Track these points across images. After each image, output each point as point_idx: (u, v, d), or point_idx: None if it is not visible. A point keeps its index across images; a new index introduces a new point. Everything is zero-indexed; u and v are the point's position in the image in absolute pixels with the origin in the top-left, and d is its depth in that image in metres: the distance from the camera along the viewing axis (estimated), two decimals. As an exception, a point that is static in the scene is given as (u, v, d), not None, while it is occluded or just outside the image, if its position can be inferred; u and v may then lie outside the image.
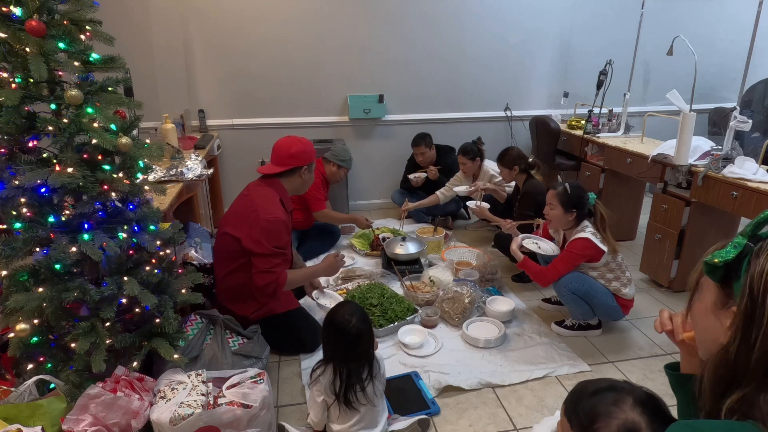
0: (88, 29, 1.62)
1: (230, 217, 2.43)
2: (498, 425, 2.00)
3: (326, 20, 4.11)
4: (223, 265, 2.40)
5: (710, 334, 0.78)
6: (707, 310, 0.78)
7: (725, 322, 0.73)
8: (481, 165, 3.84)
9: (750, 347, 0.67)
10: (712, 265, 0.74)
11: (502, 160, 3.40)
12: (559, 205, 2.47)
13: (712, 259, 0.74)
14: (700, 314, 0.81)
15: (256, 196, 2.36)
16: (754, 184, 2.50)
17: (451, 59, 4.41)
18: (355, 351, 1.75)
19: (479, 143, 3.86)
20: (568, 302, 2.53)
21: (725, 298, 0.75)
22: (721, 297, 0.75)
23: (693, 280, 0.83)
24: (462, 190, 3.76)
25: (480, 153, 3.81)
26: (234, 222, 2.36)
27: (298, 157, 2.39)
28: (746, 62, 2.83)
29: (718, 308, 0.76)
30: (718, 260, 0.73)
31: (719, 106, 4.83)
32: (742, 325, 0.69)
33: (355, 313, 1.77)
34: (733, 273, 0.73)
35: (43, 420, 1.56)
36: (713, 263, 0.74)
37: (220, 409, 1.68)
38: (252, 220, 2.27)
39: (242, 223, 2.31)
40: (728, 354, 0.70)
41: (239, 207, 2.42)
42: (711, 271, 0.75)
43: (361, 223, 3.74)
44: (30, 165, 1.58)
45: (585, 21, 4.46)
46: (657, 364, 2.38)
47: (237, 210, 2.42)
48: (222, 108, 4.20)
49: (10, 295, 1.61)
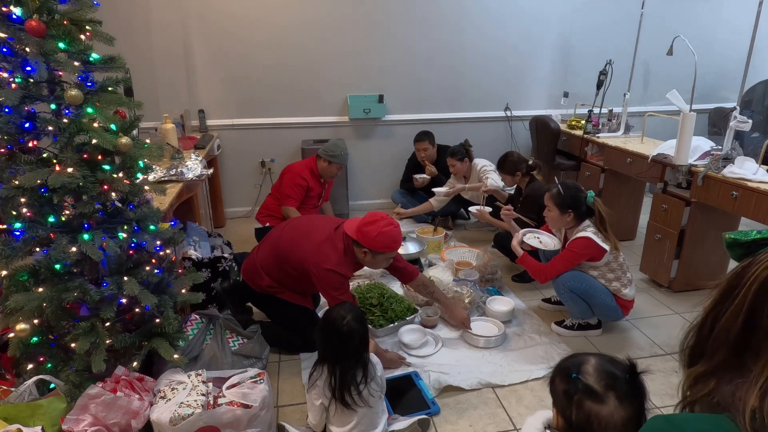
0: (88, 29, 1.62)
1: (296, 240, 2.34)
2: (498, 425, 2.00)
3: (326, 20, 4.11)
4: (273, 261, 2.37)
5: None
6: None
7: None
8: (470, 165, 3.88)
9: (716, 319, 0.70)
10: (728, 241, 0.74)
11: (502, 167, 3.37)
12: (554, 206, 2.46)
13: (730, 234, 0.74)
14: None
15: (331, 244, 2.25)
16: (754, 184, 2.50)
17: (451, 59, 4.41)
18: (346, 350, 1.73)
19: (467, 145, 3.90)
20: (566, 300, 2.53)
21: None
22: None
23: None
24: (441, 191, 3.84)
25: (468, 154, 3.86)
26: (297, 249, 2.29)
27: (375, 241, 2.22)
28: (746, 62, 2.83)
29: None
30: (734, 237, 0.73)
31: (719, 106, 4.83)
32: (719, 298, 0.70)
33: (351, 312, 1.78)
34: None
35: (43, 420, 1.56)
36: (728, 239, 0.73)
37: (220, 409, 1.68)
38: (321, 270, 2.19)
39: (307, 262, 2.23)
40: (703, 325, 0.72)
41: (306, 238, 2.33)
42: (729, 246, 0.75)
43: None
44: (30, 165, 1.58)
45: (585, 21, 4.47)
46: (657, 364, 2.38)
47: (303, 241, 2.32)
48: (222, 108, 4.20)
49: (10, 295, 1.61)
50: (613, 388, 1.11)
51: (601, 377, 1.13)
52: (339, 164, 3.62)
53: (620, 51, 3.96)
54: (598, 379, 1.13)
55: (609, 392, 1.11)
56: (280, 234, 2.43)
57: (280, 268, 2.36)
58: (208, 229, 3.44)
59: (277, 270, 2.37)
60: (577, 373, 1.15)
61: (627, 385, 1.11)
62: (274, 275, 2.39)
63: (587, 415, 1.11)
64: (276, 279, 2.40)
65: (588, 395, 1.12)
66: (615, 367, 1.15)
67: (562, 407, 1.17)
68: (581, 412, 1.12)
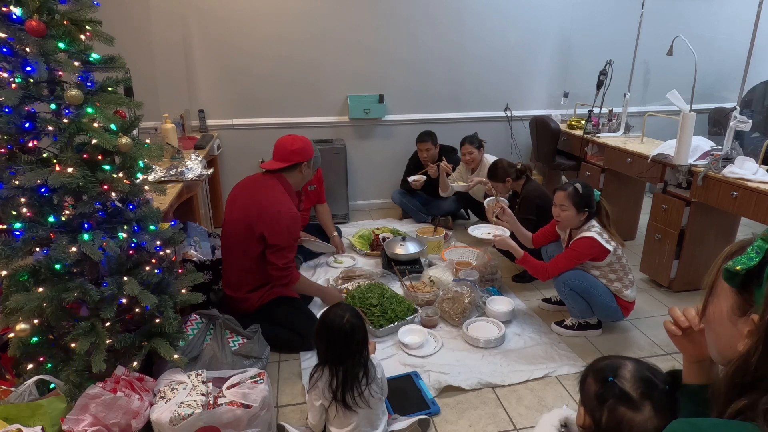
0: (88, 29, 1.62)
1: (238, 208, 2.49)
2: (498, 425, 2.00)
3: (326, 20, 4.11)
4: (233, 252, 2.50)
5: (725, 340, 0.75)
6: (723, 317, 0.75)
7: (743, 329, 0.69)
8: (481, 159, 3.87)
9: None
10: (732, 272, 0.70)
11: (494, 176, 3.33)
12: (572, 205, 2.43)
13: (733, 266, 0.69)
14: (716, 320, 0.78)
15: (268, 190, 2.47)
16: (754, 184, 2.50)
17: (451, 59, 4.41)
18: (349, 348, 1.72)
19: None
20: (566, 298, 2.53)
21: (744, 305, 0.71)
22: (740, 303, 0.71)
23: (707, 283, 0.80)
24: (460, 188, 3.80)
25: (482, 144, 3.87)
26: (246, 212, 2.43)
27: (299, 153, 2.54)
28: (746, 62, 2.83)
29: (736, 315, 0.72)
30: (740, 267, 0.68)
31: (719, 106, 4.83)
32: (765, 335, 0.65)
33: (348, 310, 1.78)
34: (754, 279, 0.68)
35: (43, 420, 1.56)
36: (735, 270, 0.69)
37: (220, 409, 1.68)
38: (272, 214, 2.37)
39: (259, 214, 2.38)
40: (748, 364, 0.67)
41: (248, 198, 2.49)
42: (731, 278, 0.71)
43: None
44: (30, 165, 1.58)
45: (585, 21, 4.47)
46: (657, 364, 2.36)
47: (246, 202, 2.48)
48: (222, 108, 4.20)
49: (10, 295, 1.61)
50: (650, 397, 1.07)
51: (639, 384, 1.09)
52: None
53: (620, 51, 3.95)
54: (636, 386, 1.09)
55: (645, 401, 1.07)
56: (228, 231, 2.52)
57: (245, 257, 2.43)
58: (209, 229, 3.44)
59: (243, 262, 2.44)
60: (613, 376, 1.11)
61: (665, 396, 1.07)
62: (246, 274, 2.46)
63: (619, 421, 1.07)
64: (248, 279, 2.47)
65: (622, 401, 1.08)
66: (654, 375, 1.11)
67: (592, 409, 1.13)
68: (613, 418, 1.08)
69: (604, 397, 1.11)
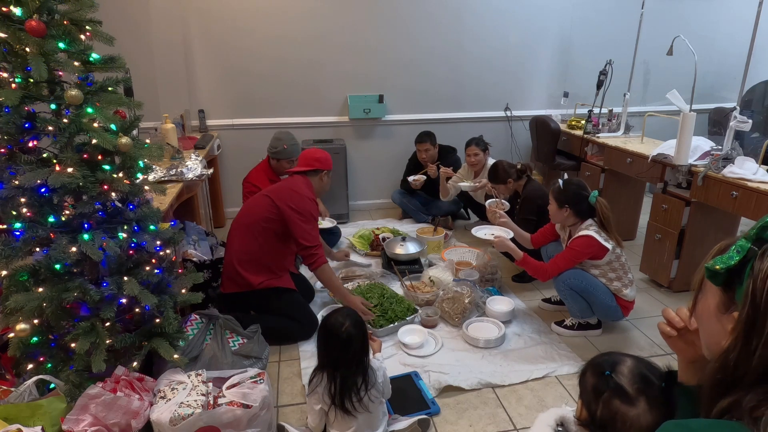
0: (88, 29, 1.62)
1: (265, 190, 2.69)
2: (498, 425, 2.00)
3: (326, 20, 4.11)
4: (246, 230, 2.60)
5: (714, 337, 0.77)
6: (710, 313, 0.77)
7: (727, 327, 0.71)
8: (486, 162, 3.85)
9: (750, 353, 0.66)
10: (713, 271, 0.72)
11: (495, 178, 3.31)
12: (553, 200, 2.50)
13: (713, 265, 0.72)
14: (704, 317, 0.80)
15: (297, 181, 2.67)
16: (754, 184, 2.50)
17: (451, 59, 4.41)
18: (345, 356, 1.70)
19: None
20: (566, 298, 2.53)
21: (728, 302, 0.73)
22: (724, 301, 0.74)
23: (696, 281, 0.82)
24: (467, 187, 3.76)
25: (487, 147, 3.86)
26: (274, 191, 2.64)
27: (321, 161, 2.73)
28: (746, 62, 2.83)
29: (720, 312, 0.74)
30: (719, 266, 0.71)
31: (719, 106, 4.83)
32: (743, 331, 0.67)
33: (349, 317, 1.75)
34: (735, 277, 0.70)
35: (43, 420, 1.56)
36: (715, 269, 0.71)
37: (220, 409, 1.68)
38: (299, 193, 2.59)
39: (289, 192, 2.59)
40: (728, 360, 0.69)
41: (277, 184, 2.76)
42: (712, 276, 0.73)
43: None
44: (30, 165, 1.58)
45: (585, 21, 4.46)
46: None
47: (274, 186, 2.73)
48: (222, 108, 4.20)
49: (10, 295, 1.61)
50: (645, 393, 1.10)
51: (635, 380, 1.12)
52: (287, 158, 3.32)
53: (620, 51, 3.95)
54: (632, 381, 1.12)
55: (640, 396, 1.10)
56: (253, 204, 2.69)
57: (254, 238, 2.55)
58: (208, 229, 3.45)
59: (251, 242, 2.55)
60: (611, 371, 1.15)
61: (660, 392, 1.10)
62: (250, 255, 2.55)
63: (613, 413, 1.11)
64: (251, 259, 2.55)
65: (617, 395, 1.11)
66: (651, 372, 1.14)
67: (588, 401, 1.17)
68: (607, 410, 1.12)
69: (600, 389, 1.14)
